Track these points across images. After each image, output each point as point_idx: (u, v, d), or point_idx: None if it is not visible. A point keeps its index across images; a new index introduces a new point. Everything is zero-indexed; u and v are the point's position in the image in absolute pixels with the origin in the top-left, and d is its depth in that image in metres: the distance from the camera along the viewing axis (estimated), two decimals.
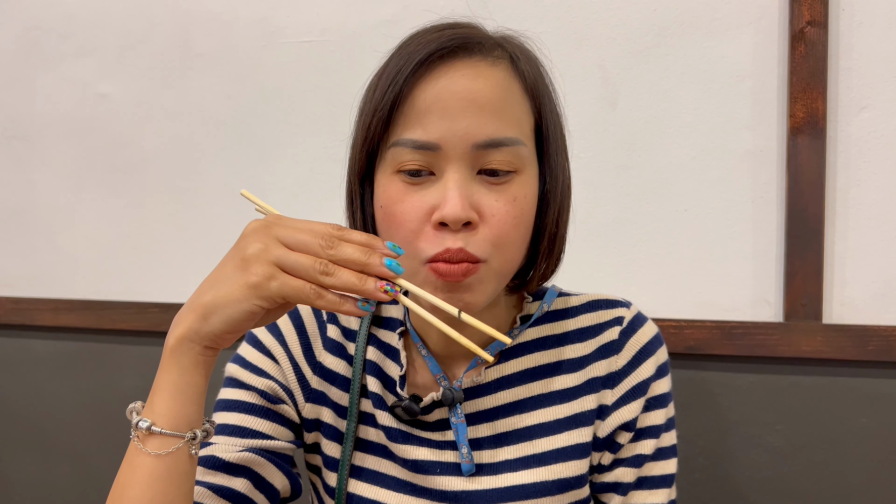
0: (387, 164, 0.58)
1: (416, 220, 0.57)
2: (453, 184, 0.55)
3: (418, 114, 0.56)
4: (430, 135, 0.55)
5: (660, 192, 0.99)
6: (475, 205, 0.56)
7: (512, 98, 0.58)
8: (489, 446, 0.65)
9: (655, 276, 1.00)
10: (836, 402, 0.94)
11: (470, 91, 0.56)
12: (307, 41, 1.13)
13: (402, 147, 0.56)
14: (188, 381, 0.51)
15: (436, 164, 0.57)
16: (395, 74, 0.57)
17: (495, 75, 0.57)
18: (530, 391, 0.66)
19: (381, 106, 0.57)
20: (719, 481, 0.99)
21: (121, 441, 1.24)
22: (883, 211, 0.93)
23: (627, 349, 0.67)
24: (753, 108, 0.96)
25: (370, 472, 0.67)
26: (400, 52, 0.59)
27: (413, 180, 0.57)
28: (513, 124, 0.57)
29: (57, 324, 1.26)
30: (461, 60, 0.57)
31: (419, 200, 0.57)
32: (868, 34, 0.92)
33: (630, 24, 0.99)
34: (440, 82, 0.56)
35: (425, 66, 0.56)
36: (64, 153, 1.27)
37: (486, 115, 0.56)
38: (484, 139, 0.56)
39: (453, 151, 0.56)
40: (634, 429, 0.67)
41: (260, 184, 1.16)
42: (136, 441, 0.52)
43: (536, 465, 0.64)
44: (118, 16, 1.22)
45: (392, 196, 0.58)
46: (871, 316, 0.94)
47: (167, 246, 1.22)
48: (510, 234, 0.58)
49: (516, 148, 0.57)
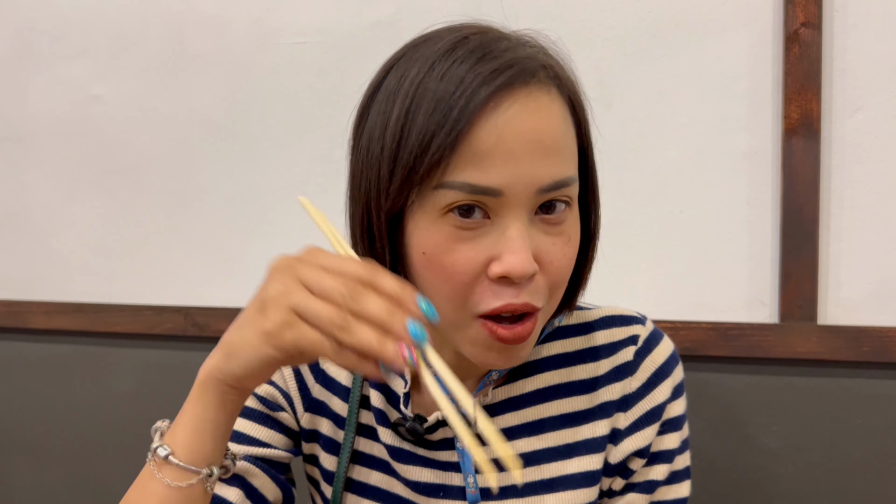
0: (431, 205, 0.51)
1: (471, 272, 0.51)
2: (517, 234, 0.50)
3: (478, 155, 0.49)
4: (491, 180, 0.49)
5: (655, 194, 0.99)
6: (535, 251, 0.51)
7: (567, 130, 0.53)
8: (496, 470, 0.64)
9: (650, 277, 1.00)
10: (831, 403, 0.94)
11: (535, 131, 0.50)
12: (302, 42, 1.12)
13: (456, 191, 0.49)
14: (211, 417, 0.50)
15: (494, 209, 0.50)
16: (452, 106, 0.49)
17: (553, 106, 0.52)
18: (540, 413, 0.63)
19: (436, 145, 0.49)
20: (715, 483, 0.99)
21: (115, 444, 1.24)
22: (878, 212, 0.93)
23: (642, 371, 0.64)
24: (748, 110, 0.96)
25: (372, 488, 0.66)
26: (438, 76, 0.50)
27: (466, 224, 0.50)
28: (570, 160, 0.53)
29: (50, 327, 1.25)
30: (524, 88, 0.50)
31: (473, 250, 0.50)
32: (862, 35, 0.92)
33: (625, 26, 0.99)
34: (505, 117, 0.49)
35: (490, 99, 0.49)
36: (57, 155, 1.26)
37: (550, 156, 0.51)
38: (549, 183, 0.50)
39: (516, 198, 0.50)
40: (648, 454, 0.64)
41: (254, 185, 1.15)
42: (153, 465, 0.50)
43: (545, 491, 0.61)
44: (111, 17, 1.21)
45: (439, 244, 0.51)
46: (866, 317, 0.94)
47: (161, 248, 1.21)
48: (564, 278, 0.54)
49: (573, 187, 0.53)
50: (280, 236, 1.15)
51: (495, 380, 0.63)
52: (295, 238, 1.14)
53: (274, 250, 1.24)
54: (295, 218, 1.14)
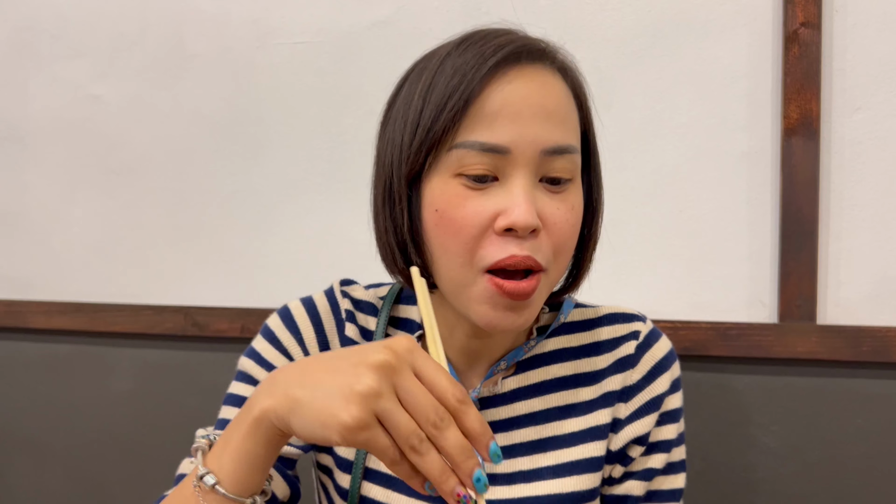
0: (445, 166, 0.56)
1: (478, 225, 0.55)
2: (521, 189, 0.55)
3: (488, 116, 0.55)
4: (499, 138, 0.55)
5: (654, 194, 0.99)
6: (539, 211, 0.56)
7: (571, 107, 0.59)
8: (504, 457, 0.65)
9: (650, 277, 1.00)
10: (830, 402, 0.94)
11: (540, 97, 0.56)
12: (301, 42, 1.12)
13: (467, 149, 0.55)
14: (261, 454, 0.49)
15: (501, 169, 0.56)
16: (465, 74, 0.55)
17: (558, 83, 0.58)
18: (546, 403, 0.66)
19: (450, 107, 0.55)
20: (715, 483, 0.99)
21: (115, 444, 1.24)
22: (877, 212, 0.93)
23: (643, 364, 0.68)
24: (748, 110, 0.96)
25: (383, 474, 0.67)
26: (458, 54, 0.57)
27: (476, 185, 0.56)
28: (573, 132, 0.59)
29: (50, 326, 1.25)
30: (530, 65, 0.57)
31: (481, 206, 0.55)
32: (862, 35, 0.92)
33: (625, 26, 0.99)
34: (512, 85, 0.55)
35: (498, 68, 0.55)
36: (57, 155, 1.26)
37: (553, 121, 0.56)
38: (552, 145, 0.56)
39: (522, 156, 0.55)
40: (647, 443, 0.67)
41: (254, 185, 1.15)
42: (198, 491, 0.50)
43: (550, 476, 0.64)
44: (111, 17, 1.21)
45: (451, 200, 0.56)
46: (866, 317, 0.94)
47: (161, 248, 1.21)
48: (568, 243, 0.58)
49: (575, 156, 0.58)
50: (280, 236, 1.15)
51: (504, 369, 0.66)
52: (295, 238, 1.14)
53: (274, 250, 1.24)
54: (295, 218, 1.14)
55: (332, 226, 1.12)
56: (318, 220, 1.13)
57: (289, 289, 1.15)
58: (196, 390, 1.18)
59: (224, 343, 1.16)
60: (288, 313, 0.69)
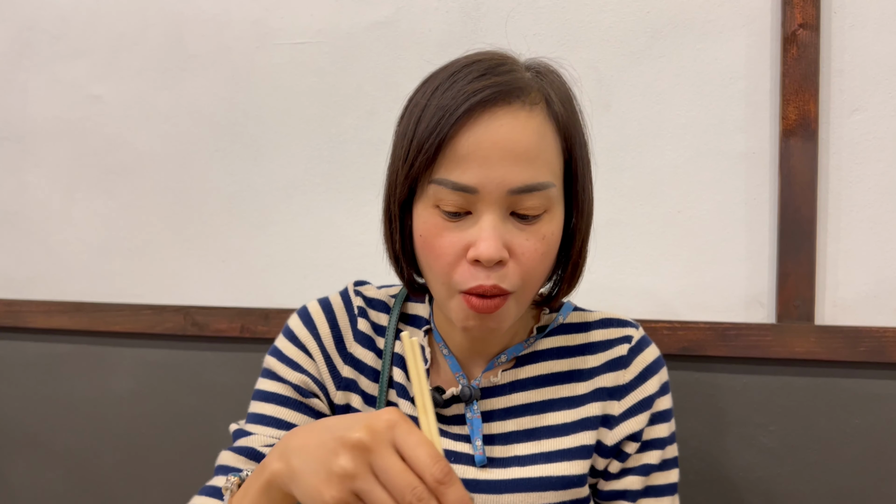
0: (427, 197, 0.62)
1: (453, 254, 0.61)
2: (488, 225, 0.60)
3: (459, 157, 0.60)
4: (469, 179, 0.59)
5: (653, 194, 0.99)
6: (507, 243, 0.61)
7: (545, 143, 0.62)
8: (501, 442, 0.70)
9: (649, 277, 1.00)
10: (828, 402, 0.95)
11: (508, 141, 0.60)
12: (301, 43, 1.12)
13: (441, 186, 0.60)
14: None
15: (473, 204, 0.61)
16: (443, 116, 0.60)
17: (532, 123, 0.61)
18: (542, 395, 0.72)
19: (426, 147, 0.60)
20: (713, 482, 0.99)
21: (115, 443, 1.24)
22: (875, 212, 0.93)
23: (635, 365, 0.72)
24: (746, 111, 0.96)
25: None
26: (443, 91, 0.62)
27: (451, 219, 0.61)
28: (545, 169, 0.62)
29: (49, 326, 1.26)
30: (501, 109, 0.60)
31: (456, 237, 0.61)
32: (860, 36, 0.92)
33: (623, 27, 0.99)
34: (479, 130, 0.60)
35: (472, 113, 0.60)
36: (57, 155, 1.27)
37: (521, 163, 0.60)
38: (518, 185, 0.60)
39: (489, 196, 0.60)
40: (641, 440, 0.72)
41: (254, 185, 1.16)
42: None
43: (543, 462, 0.69)
44: (111, 17, 1.22)
45: (430, 229, 0.62)
46: (864, 317, 0.94)
47: (160, 248, 1.21)
48: (537, 269, 0.63)
49: (547, 191, 0.61)
50: (279, 236, 1.15)
51: (503, 363, 0.72)
52: (295, 238, 1.14)
53: (273, 250, 1.24)
54: (294, 218, 1.14)
55: (331, 226, 1.13)
56: (318, 220, 1.13)
57: (288, 289, 1.15)
58: (196, 390, 1.19)
59: (224, 343, 1.16)
60: (306, 312, 0.75)
